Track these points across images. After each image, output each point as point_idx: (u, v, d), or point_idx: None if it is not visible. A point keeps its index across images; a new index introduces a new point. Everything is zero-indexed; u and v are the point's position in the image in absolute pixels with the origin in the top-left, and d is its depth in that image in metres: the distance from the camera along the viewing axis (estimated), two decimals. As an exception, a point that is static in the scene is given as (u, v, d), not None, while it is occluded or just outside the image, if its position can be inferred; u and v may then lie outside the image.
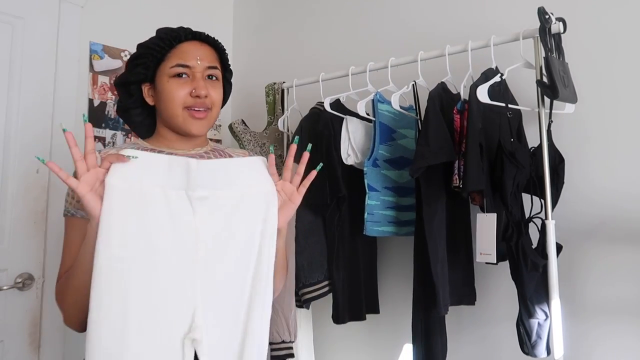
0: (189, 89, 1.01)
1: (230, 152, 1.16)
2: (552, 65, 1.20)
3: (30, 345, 1.68)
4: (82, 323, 0.87)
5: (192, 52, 1.03)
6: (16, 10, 1.72)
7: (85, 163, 0.81)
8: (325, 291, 1.59)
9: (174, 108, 1.01)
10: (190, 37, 1.05)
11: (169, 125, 1.05)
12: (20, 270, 1.67)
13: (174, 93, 1.01)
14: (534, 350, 1.29)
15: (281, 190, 0.94)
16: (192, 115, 1.02)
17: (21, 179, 1.70)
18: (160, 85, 1.03)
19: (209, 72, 1.04)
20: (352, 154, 1.54)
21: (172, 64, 1.02)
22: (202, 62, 1.03)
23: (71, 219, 0.97)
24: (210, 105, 1.04)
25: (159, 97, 1.04)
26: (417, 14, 1.82)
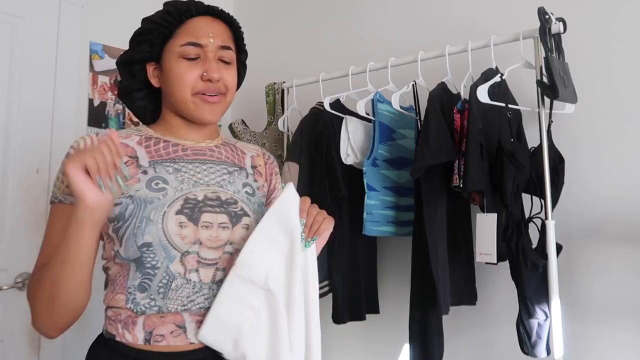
0: (199, 72, 0.90)
1: (242, 148, 1.06)
2: (552, 65, 1.20)
3: (30, 345, 1.68)
4: (55, 325, 0.82)
5: (204, 29, 0.92)
6: (16, 10, 1.72)
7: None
8: (325, 291, 1.59)
9: (183, 92, 0.90)
10: (203, 11, 0.94)
11: (177, 110, 0.94)
12: (20, 270, 1.67)
13: (184, 75, 0.90)
14: (533, 350, 1.28)
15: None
16: (204, 100, 0.91)
17: (21, 179, 1.70)
18: (167, 65, 0.92)
19: (221, 53, 0.93)
20: (352, 154, 1.54)
21: (181, 42, 0.91)
22: (215, 40, 0.92)
23: (58, 206, 0.88)
24: (224, 90, 0.93)
25: (165, 78, 0.93)
26: (417, 14, 1.82)
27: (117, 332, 0.85)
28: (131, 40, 0.99)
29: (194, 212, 0.87)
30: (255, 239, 0.85)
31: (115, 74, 1.99)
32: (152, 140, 0.95)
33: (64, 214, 0.85)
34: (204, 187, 0.91)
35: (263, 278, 0.84)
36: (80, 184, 0.72)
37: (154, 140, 0.95)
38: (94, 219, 0.76)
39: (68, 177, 0.72)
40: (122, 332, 0.85)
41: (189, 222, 0.86)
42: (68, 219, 0.79)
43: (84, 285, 0.81)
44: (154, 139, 0.95)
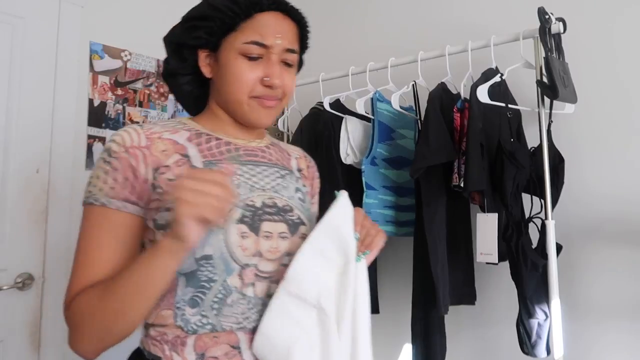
0: (260, 74, 0.82)
1: (287, 149, 0.98)
2: (552, 65, 1.20)
3: (30, 345, 1.68)
4: (102, 349, 0.73)
5: (272, 27, 0.83)
6: (16, 10, 1.72)
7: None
8: (325, 291, 1.59)
9: (239, 93, 0.82)
10: (273, 6, 0.84)
11: (228, 109, 0.86)
12: (20, 270, 1.67)
13: (243, 76, 0.81)
14: (533, 350, 1.28)
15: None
16: (261, 104, 0.83)
17: (21, 179, 1.70)
18: (225, 59, 0.83)
19: (286, 56, 0.84)
20: (351, 154, 1.54)
21: (245, 39, 0.81)
22: (283, 41, 0.83)
23: (101, 210, 0.76)
24: (282, 96, 0.85)
25: (221, 72, 0.84)
26: (417, 14, 1.82)
27: (164, 354, 0.76)
28: (186, 21, 0.89)
29: (254, 220, 0.79)
30: (305, 253, 0.77)
31: (116, 74, 1.99)
32: (202, 137, 0.85)
33: (111, 221, 0.76)
34: (260, 192, 0.83)
35: (315, 295, 0.77)
36: (193, 231, 0.65)
37: (204, 137, 0.85)
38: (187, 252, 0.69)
39: (182, 224, 0.64)
40: (169, 354, 0.76)
41: (251, 232, 0.78)
42: (120, 227, 0.75)
43: (146, 315, 0.74)
44: (204, 136, 0.85)
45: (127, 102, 2.02)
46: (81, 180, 1.86)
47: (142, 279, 0.69)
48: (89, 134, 1.88)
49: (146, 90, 2.09)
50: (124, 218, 0.76)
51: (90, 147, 1.88)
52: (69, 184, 1.81)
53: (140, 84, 2.08)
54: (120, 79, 2.01)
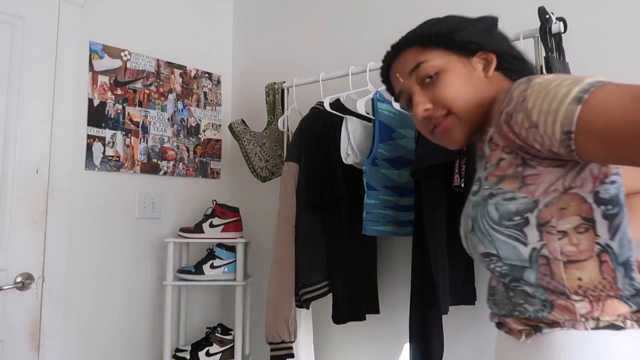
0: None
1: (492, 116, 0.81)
2: (552, 65, 1.20)
3: (30, 345, 1.68)
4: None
5: (393, 75, 0.91)
6: (16, 10, 1.72)
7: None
8: (325, 291, 1.59)
9: (428, 137, 0.87)
10: (385, 67, 0.93)
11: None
12: (20, 270, 1.67)
13: (416, 124, 0.88)
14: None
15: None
16: (434, 134, 0.85)
17: (21, 179, 1.70)
18: None
19: (416, 75, 0.84)
20: (352, 154, 1.54)
21: (395, 99, 0.94)
22: (402, 75, 0.87)
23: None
24: (442, 111, 0.81)
25: None
26: (418, 13, 1.82)
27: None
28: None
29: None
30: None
31: (115, 74, 1.99)
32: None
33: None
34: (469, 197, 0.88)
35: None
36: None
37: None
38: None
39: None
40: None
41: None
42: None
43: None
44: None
45: (127, 102, 2.02)
46: (81, 180, 1.86)
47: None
48: (88, 134, 1.88)
49: (146, 90, 2.09)
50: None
51: (90, 147, 1.88)
52: (69, 184, 1.81)
53: (140, 84, 2.08)
54: (120, 79, 2.01)
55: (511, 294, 0.76)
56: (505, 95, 0.71)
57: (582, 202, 0.69)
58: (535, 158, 0.69)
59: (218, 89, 2.39)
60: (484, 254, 0.75)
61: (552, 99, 0.63)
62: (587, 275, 0.69)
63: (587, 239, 0.69)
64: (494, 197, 0.73)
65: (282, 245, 1.61)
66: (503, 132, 0.71)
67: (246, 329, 2.03)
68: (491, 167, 0.75)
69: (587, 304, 0.68)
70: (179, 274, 1.92)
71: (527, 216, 0.70)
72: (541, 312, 0.71)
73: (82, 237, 1.85)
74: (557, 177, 0.69)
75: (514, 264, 0.72)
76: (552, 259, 0.70)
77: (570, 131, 0.61)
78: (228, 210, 1.97)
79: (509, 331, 0.77)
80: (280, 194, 1.64)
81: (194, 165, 2.24)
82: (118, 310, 1.94)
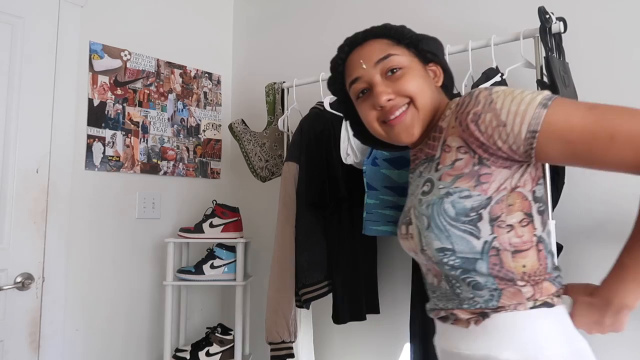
0: (372, 102, 0.89)
1: (447, 120, 0.86)
2: (552, 64, 1.20)
3: (30, 345, 1.68)
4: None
5: (355, 60, 0.91)
6: (16, 10, 1.72)
7: None
8: (325, 291, 1.59)
9: (373, 129, 0.91)
10: (347, 49, 0.94)
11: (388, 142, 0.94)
12: (20, 270, 1.67)
13: (365, 114, 0.91)
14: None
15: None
16: (390, 124, 0.87)
17: (21, 179, 1.70)
18: (358, 111, 0.95)
19: (382, 67, 0.88)
20: (352, 154, 1.54)
21: (348, 85, 0.94)
22: (368, 62, 0.89)
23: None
24: (404, 101, 0.87)
25: (364, 123, 0.95)
26: (417, 13, 1.82)
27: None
28: (338, 103, 1.05)
29: (400, 223, 0.92)
30: None
31: (115, 74, 1.99)
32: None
33: None
34: (411, 197, 0.92)
35: None
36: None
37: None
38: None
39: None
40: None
41: (399, 234, 0.93)
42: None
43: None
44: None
45: (127, 102, 2.02)
46: (81, 180, 1.86)
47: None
48: (88, 134, 1.88)
49: (146, 90, 2.09)
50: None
51: (90, 147, 1.88)
52: (69, 184, 1.81)
53: (140, 84, 2.08)
54: (120, 79, 2.01)
55: (458, 291, 0.83)
56: (469, 98, 0.79)
57: (524, 200, 0.79)
58: (491, 157, 0.77)
59: (218, 89, 2.39)
60: (439, 249, 0.81)
61: (520, 101, 0.73)
62: (529, 262, 0.79)
63: (528, 231, 0.79)
64: (451, 195, 0.79)
65: (282, 245, 1.61)
66: (468, 130, 0.77)
67: (246, 329, 2.03)
68: (445, 168, 0.82)
69: (530, 287, 0.78)
70: (179, 274, 1.91)
71: (481, 212, 0.78)
72: (490, 302, 0.79)
73: (82, 237, 1.85)
74: (506, 177, 0.78)
75: (467, 256, 0.79)
76: (502, 250, 0.78)
77: (535, 131, 0.71)
78: (228, 210, 1.97)
79: (456, 322, 0.84)
80: (280, 194, 1.64)
81: (194, 165, 2.24)
82: (118, 310, 1.94)
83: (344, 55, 0.95)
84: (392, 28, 0.93)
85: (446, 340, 0.88)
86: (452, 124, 0.82)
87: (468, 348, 0.81)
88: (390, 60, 0.88)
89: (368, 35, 0.92)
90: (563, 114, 0.71)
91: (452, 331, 0.86)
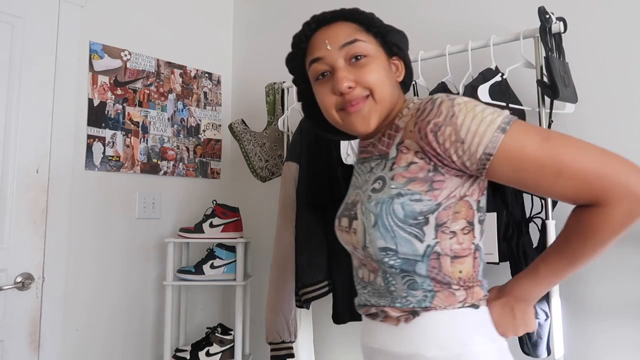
0: (332, 87, 0.85)
1: (404, 121, 0.86)
2: (552, 65, 1.20)
3: (30, 345, 1.68)
4: None
5: (320, 39, 0.87)
6: (16, 10, 1.72)
7: None
8: (325, 291, 1.59)
9: (330, 115, 0.88)
10: (314, 26, 0.90)
11: (341, 130, 0.92)
12: (20, 270, 1.67)
13: (322, 98, 0.87)
14: (534, 350, 1.28)
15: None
16: (348, 112, 0.85)
17: (21, 179, 1.70)
18: (314, 93, 0.91)
19: (348, 50, 0.85)
20: (352, 154, 1.54)
21: (307, 65, 0.90)
22: (333, 44, 0.85)
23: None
24: (365, 92, 0.84)
25: (320, 107, 0.91)
26: (417, 13, 1.82)
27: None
28: (293, 81, 1.01)
29: (340, 216, 0.92)
30: None
31: (115, 74, 1.99)
32: (360, 141, 0.98)
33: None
34: (355, 190, 0.92)
35: None
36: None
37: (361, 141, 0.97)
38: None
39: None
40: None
41: (338, 225, 0.93)
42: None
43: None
44: (362, 140, 0.96)
45: (127, 102, 2.02)
46: (81, 180, 1.86)
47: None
48: (88, 134, 1.88)
49: (146, 90, 2.09)
50: None
51: (90, 147, 1.88)
52: (69, 184, 1.81)
53: (140, 84, 2.08)
54: (120, 79, 2.01)
55: (392, 288, 0.83)
56: (431, 106, 0.78)
57: (469, 209, 0.82)
58: (445, 167, 0.78)
59: (218, 89, 2.39)
60: (382, 248, 0.81)
61: (481, 122, 0.73)
62: (466, 268, 0.82)
63: (468, 239, 0.82)
64: (402, 196, 0.79)
65: (282, 245, 1.61)
66: (426, 139, 0.78)
67: (246, 329, 2.03)
68: (399, 169, 0.81)
69: (463, 291, 0.81)
70: (179, 274, 1.91)
71: (428, 217, 0.79)
72: (423, 302, 0.81)
73: (82, 237, 1.85)
74: (457, 185, 0.80)
75: (408, 258, 0.80)
76: (442, 255, 0.80)
77: (491, 154, 0.73)
78: (228, 210, 1.97)
79: (386, 319, 0.84)
80: (280, 194, 1.64)
81: (194, 165, 2.24)
82: (118, 310, 1.94)
83: (310, 32, 0.91)
84: (363, 13, 0.91)
85: (373, 338, 0.87)
86: (411, 127, 0.81)
87: (396, 345, 0.82)
88: (357, 46, 0.85)
89: (337, 16, 0.89)
90: (518, 141, 0.73)
91: (380, 328, 0.86)
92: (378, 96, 0.84)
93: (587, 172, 0.69)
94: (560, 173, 0.71)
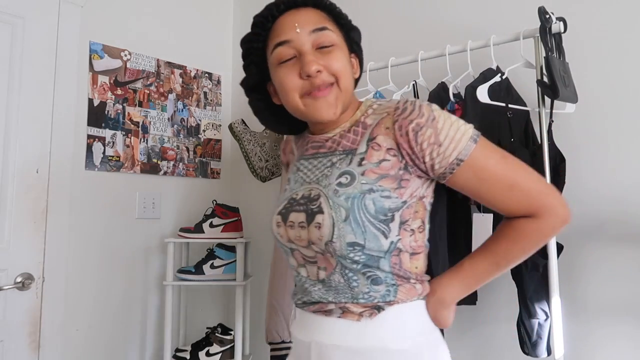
0: (298, 71, 0.83)
1: (373, 119, 0.88)
2: (552, 64, 1.20)
3: (30, 345, 1.68)
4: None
5: (288, 22, 0.85)
6: (16, 10, 1.72)
7: None
8: (326, 291, 1.59)
9: (292, 99, 0.85)
10: (283, 8, 0.87)
11: (298, 116, 0.89)
12: (20, 270, 1.67)
13: (285, 81, 0.84)
14: (534, 350, 1.28)
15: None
16: (313, 97, 0.83)
17: (21, 179, 1.70)
18: (273, 77, 0.88)
19: (316, 37, 0.84)
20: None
21: (271, 47, 0.86)
22: (303, 28, 0.84)
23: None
24: (332, 79, 0.84)
25: (278, 90, 0.88)
26: (417, 13, 1.82)
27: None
28: (243, 67, 0.95)
29: (287, 212, 0.87)
30: None
31: (115, 74, 1.99)
32: (302, 137, 0.99)
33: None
34: (306, 185, 0.88)
35: None
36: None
37: (303, 136, 0.98)
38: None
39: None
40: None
41: (282, 222, 0.88)
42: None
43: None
44: (305, 136, 0.98)
45: (127, 102, 2.02)
46: (81, 180, 1.86)
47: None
48: (88, 134, 1.88)
49: (146, 90, 2.09)
50: None
51: (90, 147, 1.88)
52: (69, 184, 1.81)
53: (140, 84, 2.08)
54: (120, 79, 2.01)
55: (354, 284, 0.84)
56: (412, 107, 0.81)
57: (424, 209, 0.87)
58: (414, 167, 0.82)
59: (218, 89, 2.39)
60: (351, 243, 0.80)
61: (457, 129, 0.80)
62: (420, 264, 0.87)
63: (422, 237, 0.87)
64: (374, 192, 0.81)
65: (282, 245, 1.60)
66: (406, 137, 0.81)
67: (246, 329, 2.03)
68: (371, 165, 0.83)
69: (420, 285, 0.86)
70: (179, 274, 1.92)
71: (394, 214, 0.82)
72: (387, 297, 0.83)
73: (82, 237, 1.85)
74: (418, 186, 0.84)
75: (372, 254, 0.82)
76: (403, 251, 0.84)
77: (462, 160, 0.80)
78: (228, 210, 1.97)
79: (345, 315, 0.84)
80: (280, 194, 1.64)
81: (194, 165, 2.24)
82: (118, 310, 1.94)
83: (277, 13, 0.87)
84: (334, 5, 0.91)
85: (327, 335, 0.85)
86: (387, 124, 0.83)
87: (360, 340, 0.82)
88: (326, 34, 0.85)
89: (308, 1, 0.88)
90: (484, 153, 0.81)
91: (337, 325, 0.84)
92: (343, 85, 0.85)
93: (531, 189, 0.81)
94: (512, 187, 0.81)
